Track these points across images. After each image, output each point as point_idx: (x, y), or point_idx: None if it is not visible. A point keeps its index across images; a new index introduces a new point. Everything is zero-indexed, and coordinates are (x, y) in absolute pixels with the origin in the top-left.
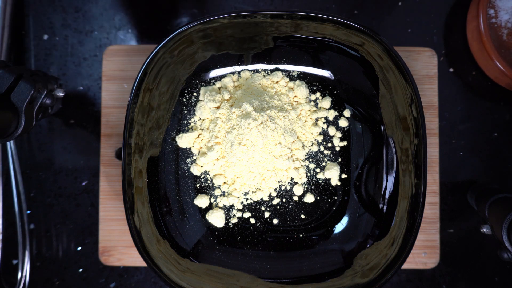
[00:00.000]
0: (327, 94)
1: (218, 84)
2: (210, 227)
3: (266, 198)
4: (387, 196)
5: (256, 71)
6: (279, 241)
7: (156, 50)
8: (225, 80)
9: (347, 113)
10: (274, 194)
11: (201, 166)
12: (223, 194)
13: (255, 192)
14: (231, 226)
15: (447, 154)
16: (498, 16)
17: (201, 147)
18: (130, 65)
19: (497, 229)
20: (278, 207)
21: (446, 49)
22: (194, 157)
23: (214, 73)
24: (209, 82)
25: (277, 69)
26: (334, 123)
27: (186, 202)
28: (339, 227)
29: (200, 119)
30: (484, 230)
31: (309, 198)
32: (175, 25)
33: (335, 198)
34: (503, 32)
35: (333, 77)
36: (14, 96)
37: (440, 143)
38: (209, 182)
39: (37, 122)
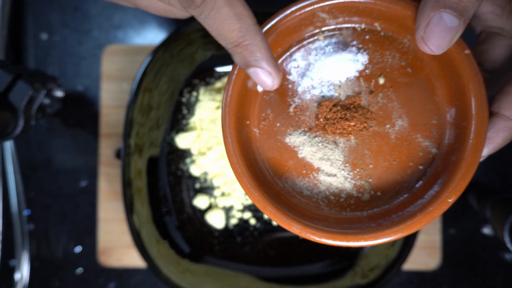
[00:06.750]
0: None
1: (218, 84)
2: (210, 228)
3: None
4: None
5: None
6: (279, 242)
7: (156, 49)
8: (225, 80)
9: None
10: None
11: (201, 166)
12: (223, 194)
13: None
14: (231, 226)
15: None
16: None
17: (200, 147)
18: (129, 64)
19: (499, 230)
20: None
21: None
22: (194, 157)
23: (214, 72)
24: (209, 82)
25: None
26: None
27: (186, 203)
28: None
29: (200, 119)
30: (486, 231)
31: None
32: (175, 24)
33: None
34: None
35: None
36: (13, 96)
37: None
38: (208, 182)
39: (37, 122)
